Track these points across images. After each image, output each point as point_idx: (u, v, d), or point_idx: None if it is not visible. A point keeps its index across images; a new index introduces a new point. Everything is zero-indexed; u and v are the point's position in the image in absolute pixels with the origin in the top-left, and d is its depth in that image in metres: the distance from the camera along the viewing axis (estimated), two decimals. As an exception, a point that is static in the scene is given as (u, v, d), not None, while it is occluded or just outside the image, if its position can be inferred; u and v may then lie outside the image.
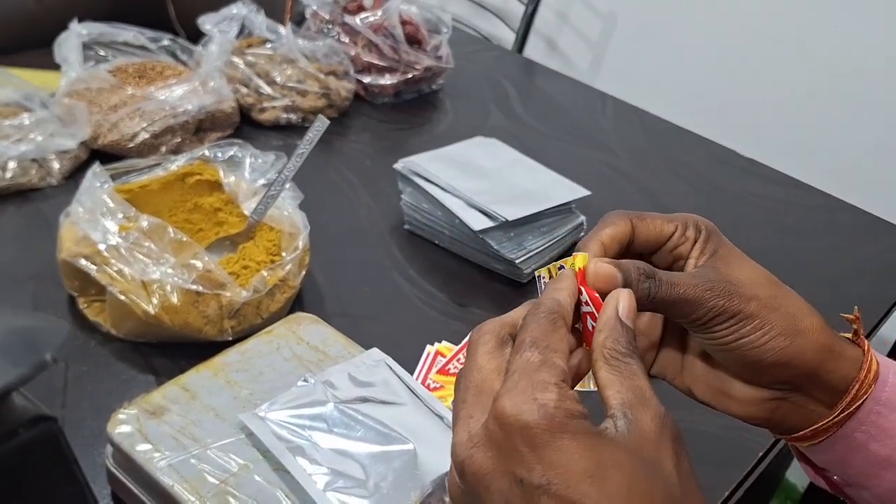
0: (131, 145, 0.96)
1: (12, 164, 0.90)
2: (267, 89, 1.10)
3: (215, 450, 0.57)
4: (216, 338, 0.72)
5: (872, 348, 0.44)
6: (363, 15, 1.21)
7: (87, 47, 1.06)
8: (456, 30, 1.31)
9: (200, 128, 1.03)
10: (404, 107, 1.24)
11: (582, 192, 0.95)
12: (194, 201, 0.84)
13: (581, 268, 0.39)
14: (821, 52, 1.60)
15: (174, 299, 0.69)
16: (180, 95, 1.01)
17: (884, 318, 0.96)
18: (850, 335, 0.44)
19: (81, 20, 1.06)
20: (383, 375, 0.64)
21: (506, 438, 0.33)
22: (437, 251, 0.93)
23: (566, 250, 0.93)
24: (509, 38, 1.88)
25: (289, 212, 0.81)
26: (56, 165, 0.93)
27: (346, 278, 0.87)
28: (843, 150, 1.61)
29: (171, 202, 0.83)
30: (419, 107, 1.25)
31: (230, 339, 0.72)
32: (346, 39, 1.22)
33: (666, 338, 0.47)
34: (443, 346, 0.79)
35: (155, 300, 0.69)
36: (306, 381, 0.61)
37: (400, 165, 0.94)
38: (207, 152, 0.85)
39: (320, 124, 0.80)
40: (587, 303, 0.39)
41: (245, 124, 1.11)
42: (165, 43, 1.13)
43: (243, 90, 1.11)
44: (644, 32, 1.87)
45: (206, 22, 1.09)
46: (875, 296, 0.97)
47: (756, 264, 0.44)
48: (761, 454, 0.74)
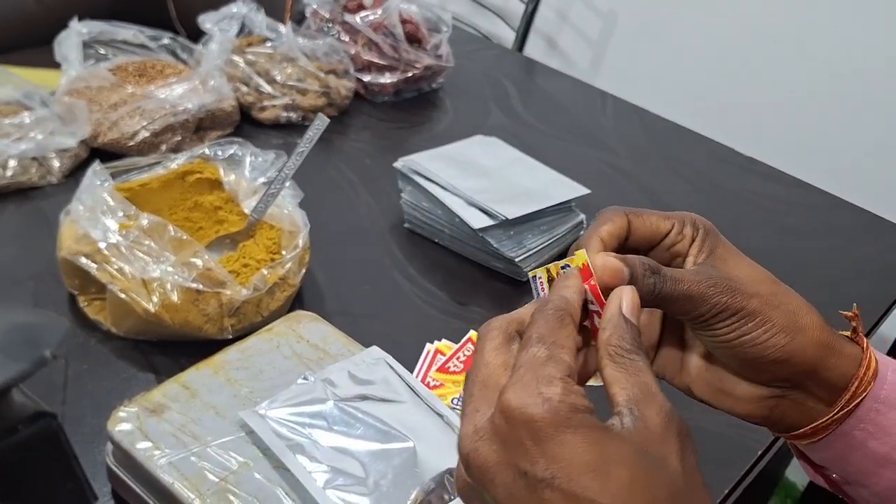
0: (131, 144, 0.96)
1: (12, 163, 0.90)
2: (267, 88, 1.10)
3: (215, 447, 0.57)
4: (216, 336, 0.72)
5: (872, 346, 0.44)
6: (363, 13, 1.21)
7: (87, 46, 1.06)
8: (456, 28, 1.31)
9: (200, 126, 1.03)
10: (404, 105, 1.24)
11: (582, 190, 0.95)
12: (194, 200, 0.84)
13: (583, 265, 0.39)
14: (821, 52, 1.60)
15: (174, 297, 0.70)
16: (180, 94, 1.01)
17: (883, 317, 0.96)
18: (849, 333, 0.44)
19: (81, 18, 1.06)
20: (383, 373, 0.64)
21: (510, 432, 0.33)
22: (436, 249, 0.93)
23: (566, 248, 0.93)
24: (509, 36, 1.88)
25: (289, 210, 0.81)
26: (56, 164, 0.93)
27: (346, 277, 0.87)
28: (843, 150, 1.61)
29: (172, 200, 0.83)
30: (419, 105, 1.25)
31: (230, 337, 0.72)
32: (346, 38, 1.22)
33: (665, 336, 0.47)
34: (442, 345, 0.79)
35: (155, 298, 0.70)
36: (306, 378, 0.61)
37: (400, 164, 0.94)
38: (207, 151, 0.85)
39: (320, 123, 0.80)
40: (591, 301, 0.39)
41: (245, 123, 1.11)
42: (165, 41, 1.13)
43: (243, 89, 1.11)
44: (644, 31, 1.87)
45: (206, 21, 1.09)
46: (875, 295, 0.97)
47: (754, 263, 0.44)
48: (760, 452, 0.74)
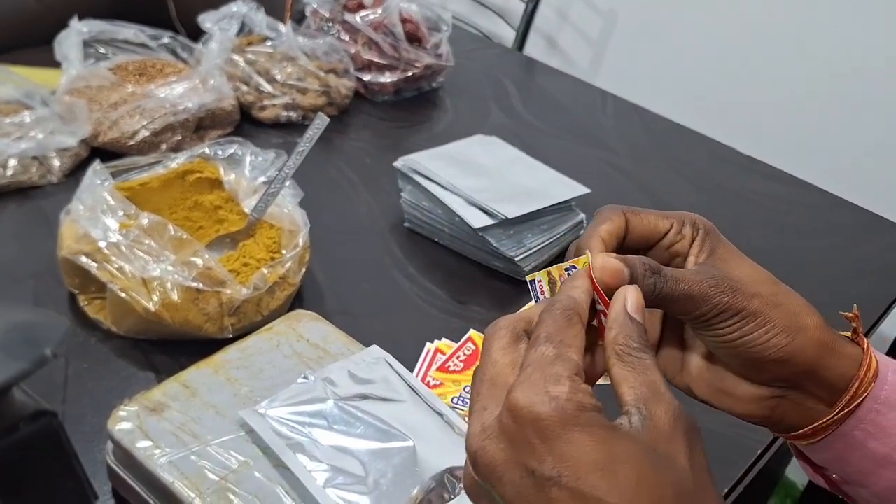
0: (132, 143, 0.96)
1: (13, 162, 0.90)
2: (267, 87, 1.10)
3: (215, 446, 0.57)
4: (216, 335, 0.72)
5: (872, 346, 0.44)
6: (363, 13, 1.21)
7: (87, 45, 1.06)
8: (456, 28, 1.31)
9: (201, 125, 1.03)
10: (404, 105, 1.24)
11: (582, 189, 0.95)
12: (194, 199, 0.84)
13: (586, 267, 0.39)
14: (821, 52, 1.60)
15: (174, 297, 0.70)
16: (180, 93, 1.01)
17: (883, 316, 0.96)
18: (850, 333, 0.44)
19: (82, 18, 1.06)
20: (383, 373, 0.64)
21: (518, 430, 0.33)
22: (436, 249, 0.93)
23: (566, 248, 0.93)
24: (510, 36, 1.88)
25: (289, 209, 0.81)
26: (56, 163, 0.93)
27: (346, 276, 0.87)
28: (844, 149, 1.61)
29: (172, 200, 0.83)
30: (419, 105, 1.25)
31: (230, 336, 0.72)
32: (346, 37, 1.22)
33: (665, 336, 0.47)
34: (442, 344, 0.79)
35: (155, 297, 0.70)
36: (306, 378, 0.61)
37: (400, 163, 0.94)
38: (208, 150, 0.85)
39: (320, 122, 0.80)
40: (598, 301, 0.39)
41: (245, 122, 1.11)
42: (166, 41, 1.13)
43: (243, 88, 1.11)
44: (644, 30, 1.87)
45: (206, 20, 1.09)
46: (875, 294, 0.97)
47: (754, 263, 0.44)
48: (760, 452, 0.74)
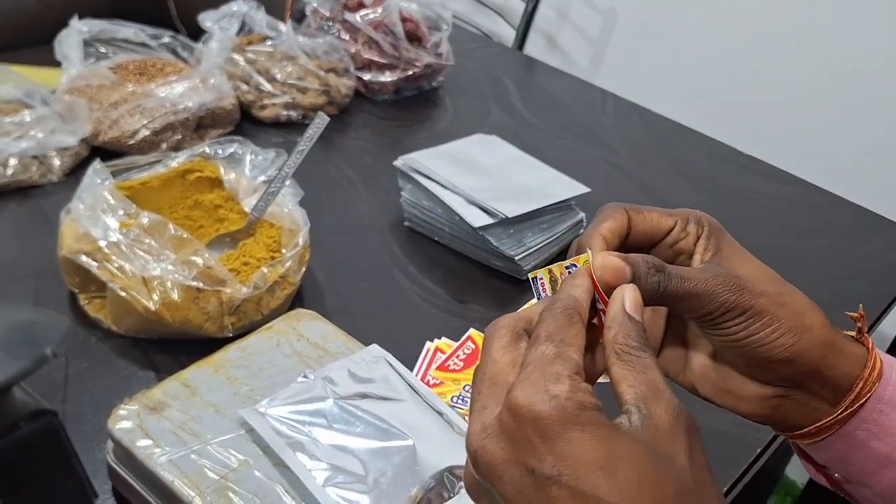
0: (132, 142, 0.96)
1: (13, 161, 0.90)
2: (267, 86, 1.10)
3: (215, 445, 0.57)
4: (216, 334, 0.72)
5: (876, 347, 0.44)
6: (363, 12, 1.21)
7: (87, 44, 1.06)
8: (456, 27, 1.31)
9: (201, 125, 1.04)
10: (404, 104, 1.24)
11: (581, 188, 0.95)
12: (195, 198, 0.84)
13: (587, 266, 0.39)
14: (821, 52, 1.60)
15: (175, 296, 0.70)
16: (181, 92, 1.01)
17: (883, 315, 0.96)
18: (854, 333, 0.44)
19: (82, 17, 1.06)
20: (383, 372, 0.64)
21: (518, 429, 0.33)
22: (436, 248, 0.93)
23: (565, 247, 0.93)
24: (510, 35, 1.88)
25: (289, 208, 0.81)
26: (57, 162, 0.93)
27: (346, 275, 0.87)
28: (844, 149, 1.61)
29: (172, 199, 0.83)
30: (419, 104, 1.25)
31: (230, 335, 0.72)
32: (346, 36, 1.22)
33: (668, 335, 0.47)
34: (442, 343, 0.79)
35: (155, 297, 0.70)
36: (306, 377, 0.61)
37: (400, 162, 0.94)
38: (208, 149, 0.85)
39: (320, 121, 0.80)
40: (598, 300, 0.39)
41: (245, 121, 1.11)
42: (166, 40, 1.13)
43: (244, 87, 1.11)
44: (644, 30, 1.87)
45: (206, 19, 1.09)
46: (876, 294, 0.97)
47: (759, 261, 0.44)
48: (760, 450, 0.74)
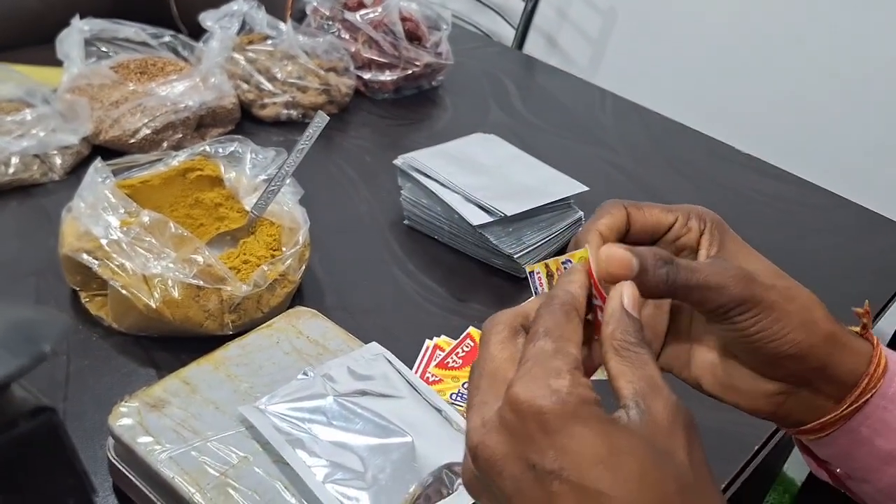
0: (133, 141, 0.97)
1: (14, 160, 0.90)
2: (267, 85, 1.11)
3: (215, 442, 0.57)
4: (217, 332, 0.72)
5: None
6: (363, 11, 1.21)
7: (88, 43, 1.06)
8: (456, 26, 1.31)
9: (201, 123, 1.04)
10: (404, 103, 1.24)
11: (580, 187, 0.95)
12: (195, 196, 0.84)
13: (585, 261, 0.39)
14: (821, 52, 1.60)
15: (175, 294, 0.70)
16: (181, 91, 1.01)
17: (881, 312, 0.96)
18: (859, 329, 0.44)
19: (83, 16, 1.07)
20: (382, 369, 0.64)
21: (519, 424, 0.33)
22: (436, 246, 0.94)
23: (564, 245, 0.93)
24: (509, 34, 1.88)
25: (289, 207, 0.81)
26: (58, 161, 0.93)
27: (345, 273, 0.87)
28: (845, 149, 1.61)
29: (173, 197, 0.84)
30: (419, 103, 1.25)
31: (230, 333, 0.72)
32: (346, 36, 1.22)
33: (672, 331, 0.47)
34: (441, 341, 0.79)
35: (156, 294, 0.70)
36: (306, 374, 0.62)
37: (400, 161, 0.95)
38: (208, 148, 0.86)
39: (320, 120, 0.80)
40: (594, 296, 0.39)
41: (246, 120, 1.11)
42: (167, 39, 1.14)
43: (244, 86, 1.11)
44: (644, 29, 1.87)
45: (207, 18, 1.10)
46: (876, 293, 0.97)
47: (762, 256, 0.44)
48: (758, 447, 0.74)
